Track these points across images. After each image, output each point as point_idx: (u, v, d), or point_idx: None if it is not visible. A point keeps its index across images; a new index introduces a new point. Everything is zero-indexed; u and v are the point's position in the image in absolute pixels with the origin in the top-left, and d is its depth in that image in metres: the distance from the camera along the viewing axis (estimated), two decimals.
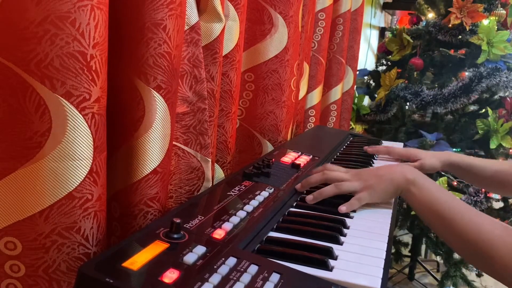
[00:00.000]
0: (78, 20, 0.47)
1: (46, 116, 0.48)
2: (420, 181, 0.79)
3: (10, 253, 0.52)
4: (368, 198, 0.81)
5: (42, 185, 0.50)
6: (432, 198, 0.77)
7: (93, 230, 0.55)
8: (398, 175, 0.81)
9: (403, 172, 0.81)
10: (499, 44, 1.92)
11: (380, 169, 0.85)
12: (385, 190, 0.81)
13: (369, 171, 0.86)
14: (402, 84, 2.05)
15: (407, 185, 0.80)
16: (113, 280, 0.46)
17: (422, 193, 0.78)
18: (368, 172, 0.85)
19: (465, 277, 2.01)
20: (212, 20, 0.78)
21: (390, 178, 0.81)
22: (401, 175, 0.81)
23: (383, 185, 0.81)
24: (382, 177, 0.82)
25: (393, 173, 0.82)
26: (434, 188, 0.79)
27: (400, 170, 0.82)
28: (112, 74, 0.57)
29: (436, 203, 0.76)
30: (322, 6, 1.52)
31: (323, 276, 0.57)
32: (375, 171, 0.85)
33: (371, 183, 0.81)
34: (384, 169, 0.85)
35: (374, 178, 0.82)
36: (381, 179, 0.82)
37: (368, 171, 0.86)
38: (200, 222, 0.63)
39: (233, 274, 0.51)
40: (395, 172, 0.82)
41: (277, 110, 1.13)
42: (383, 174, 0.83)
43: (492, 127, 1.92)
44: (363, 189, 0.81)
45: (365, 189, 0.81)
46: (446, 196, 0.77)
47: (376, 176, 0.82)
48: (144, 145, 0.63)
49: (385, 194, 0.82)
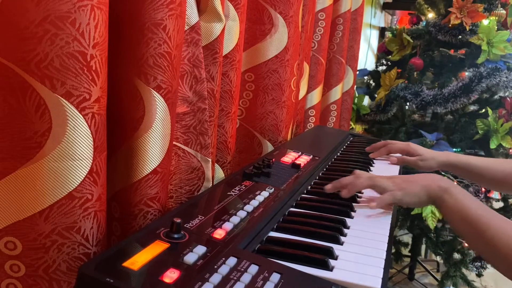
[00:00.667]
0: (78, 20, 0.47)
1: (46, 116, 0.48)
2: (454, 190, 0.79)
3: (10, 253, 0.52)
4: (400, 197, 0.81)
5: (42, 185, 0.50)
6: (466, 208, 0.75)
7: (93, 230, 0.55)
8: (432, 183, 0.81)
9: (436, 180, 0.81)
10: (499, 44, 1.92)
11: (413, 176, 0.86)
12: (417, 194, 0.81)
13: (403, 176, 0.87)
14: (402, 84, 2.04)
15: (440, 193, 0.79)
16: (113, 280, 0.46)
17: (455, 202, 0.77)
18: (402, 177, 0.86)
19: (465, 277, 2.01)
20: (212, 20, 0.78)
21: (423, 184, 0.81)
22: (435, 183, 0.81)
23: (416, 189, 0.81)
24: (415, 182, 0.82)
25: (426, 180, 0.82)
26: (468, 198, 0.78)
27: (433, 178, 0.82)
28: (112, 74, 0.57)
29: (470, 213, 0.74)
30: (322, 6, 1.52)
31: (323, 276, 0.57)
32: (409, 177, 0.85)
33: (404, 186, 0.82)
34: (417, 176, 0.85)
35: (407, 182, 0.83)
36: (414, 184, 0.82)
37: (402, 176, 0.87)
38: (201, 222, 0.63)
39: (233, 274, 0.51)
40: (429, 179, 0.82)
41: (277, 110, 1.13)
42: (416, 180, 0.83)
43: (492, 127, 1.92)
44: (396, 189, 0.82)
45: (398, 190, 0.82)
46: (480, 206, 0.76)
47: (408, 181, 0.83)
48: (144, 145, 0.63)
49: (417, 198, 0.82)
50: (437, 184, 0.80)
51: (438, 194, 0.80)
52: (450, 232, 2.11)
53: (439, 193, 0.79)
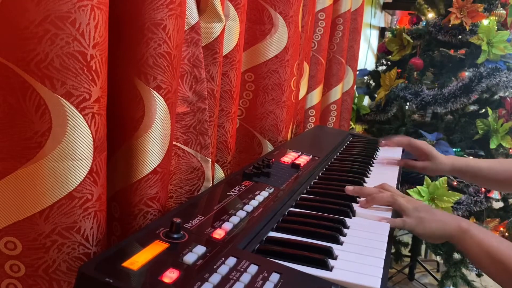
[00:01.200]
0: (78, 20, 0.47)
1: (46, 116, 0.48)
2: (476, 231, 0.78)
3: (10, 253, 0.52)
4: (412, 226, 0.80)
5: (42, 185, 0.50)
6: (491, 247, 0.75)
7: (93, 230, 0.55)
8: (452, 222, 0.80)
9: (457, 220, 0.80)
10: (499, 44, 1.92)
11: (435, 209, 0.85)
12: (433, 229, 0.80)
13: (424, 205, 0.85)
14: (402, 84, 2.04)
15: (460, 233, 0.78)
16: (113, 280, 0.46)
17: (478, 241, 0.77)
18: (424, 205, 0.84)
19: (465, 277, 2.01)
20: (212, 20, 0.78)
21: (442, 220, 0.80)
22: (455, 222, 0.79)
23: (433, 224, 0.80)
24: (435, 216, 0.81)
25: (446, 218, 0.81)
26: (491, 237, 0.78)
27: (454, 218, 0.81)
28: (112, 74, 0.57)
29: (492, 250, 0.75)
30: (322, 6, 1.52)
31: (323, 276, 0.57)
32: (429, 208, 0.84)
33: (422, 215, 0.81)
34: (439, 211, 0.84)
35: (427, 213, 0.81)
36: (433, 217, 0.80)
37: (423, 204, 0.85)
38: (200, 222, 0.63)
39: (233, 274, 0.51)
40: (449, 217, 0.81)
41: (277, 110, 1.13)
42: (436, 214, 0.82)
43: (492, 127, 1.92)
44: (413, 216, 0.81)
45: (414, 217, 0.80)
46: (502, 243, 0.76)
47: (429, 212, 0.81)
48: (144, 145, 0.63)
49: (430, 232, 0.80)
50: (457, 224, 0.79)
51: (457, 235, 0.78)
52: None
53: (458, 234, 0.78)
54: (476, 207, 1.88)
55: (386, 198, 0.84)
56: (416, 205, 0.83)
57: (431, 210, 0.83)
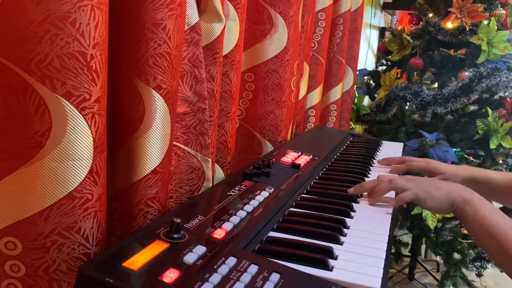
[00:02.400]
0: (78, 20, 0.47)
1: (46, 116, 0.48)
2: (476, 202, 0.78)
3: (10, 253, 0.52)
4: (423, 198, 0.81)
5: (42, 185, 0.50)
6: (486, 219, 0.75)
7: (93, 230, 0.55)
8: (455, 192, 0.81)
9: (460, 191, 0.81)
10: (499, 44, 1.92)
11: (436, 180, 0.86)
12: (439, 199, 0.81)
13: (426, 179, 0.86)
14: (402, 84, 2.04)
15: (462, 203, 0.79)
16: (113, 280, 0.46)
17: (476, 213, 0.77)
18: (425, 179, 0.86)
19: (465, 277, 2.01)
20: (212, 20, 0.78)
21: (447, 191, 0.81)
22: (458, 193, 0.80)
23: (439, 194, 0.81)
24: (440, 188, 0.82)
25: (450, 188, 0.82)
26: (489, 209, 0.77)
27: (457, 189, 0.82)
28: (112, 74, 0.57)
29: (490, 224, 0.74)
30: (322, 6, 1.52)
31: (323, 276, 0.57)
32: (431, 181, 0.85)
33: (428, 189, 0.81)
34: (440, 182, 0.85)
35: (431, 186, 0.82)
36: (439, 189, 0.81)
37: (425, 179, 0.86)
38: (200, 222, 0.63)
39: (233, 274, 0.51)
40: (452, 188, 0.82)
41: (277, 110, 1.13)
42: (441, 186, 0.82)
43: (492, 127, 1.92)
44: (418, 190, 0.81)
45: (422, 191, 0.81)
46: (501, 218, 0.76)
47: (433, 185, 0.82)
48: (144, 145, 0.63)
49: (438, 203, 0.81)
50: (459, 194, 0.80)
51: (459, 205, 0.79)
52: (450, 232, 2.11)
53: (460, 204, 0.79)
54: None
55: (386, 186, 0.85)
56: (418, 181, 0.83)
57: (435, 182, 0.83)
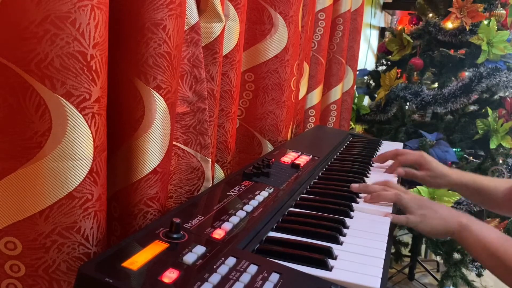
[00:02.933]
0: (78, 20, 0.47)
1: (46, 116, 0.48)
2: (474, 227, 0.80)
3: (10, 253, 0.52)
4: (415, 223, 0.83)
5: (42, 185, 0.50)
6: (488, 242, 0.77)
7: (93, 230, 0.55)
8: (453, 218, 0.82)
9: (458, 216, 0.82)
10: (499, 44, 1.92)
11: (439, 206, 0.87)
12: (434, 226, 0.83)
13: (428, 202, 0.88)
14: (402, 84, 2.04)
15: (460, 229, 0.81)
16: (113, 280, 0.46)
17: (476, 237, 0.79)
18: (427, 202, 0.87)
19: (465, 277, 2.01)
20: (212, 20, 0.78)
21: (444, 218, 0.83)
22: (456, 219, 0.82)
23: (435, 221, 0.83)
24: (437, 213, 0.83)
25: (448, 215, 0.83)
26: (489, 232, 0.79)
27: (456, 214, 0.84)
28: (112, 74, 0.57)
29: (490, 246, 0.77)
30: (322, 6, 1.52)
31: (322, 276, 0.57)
32: (433, 205, 0.86)
33: (425, 212, 0.83)
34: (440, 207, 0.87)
35: (430, 210, 0.84)
36: (436, 214, 0.83)
37: (427, 201, 0.88)
38: (200, 222, 0.63)
39: (232, 274, 0.52)
40: (451, 214, 0.83)
41: (277, 110, 1.13)
42: (439, 211, 0.84)
43: (492, 127, 1.92)
44: (416, 214, 0.84)
45: (418, 215, 0.83)
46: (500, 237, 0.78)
47: (433, 210, 0.84)
48: (144, 145, 0.63)
49: (433, 229, 0.83)
50: (457, 220, 0.81)
51: (457, 230, 0.81)
52: None
53: (458, 229, 0.81)
54: (476, 207, 1.88)
55: (391, 196, 0.87)
56: (420, 202, 0.85)
57: (434, 207, 0.85)
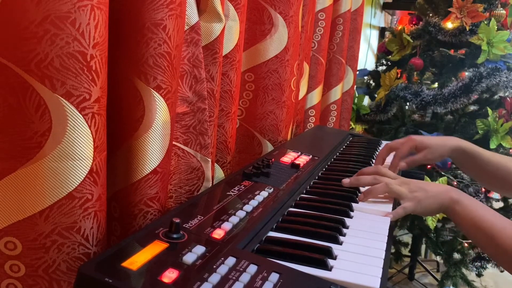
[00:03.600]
0: (78, 20, 0.47)
1: (46, 116, 0.48)
2: (465, 201, 0.81)
3: (10, 253, 0.52)
4: (412, 209, 0.83)
5: (42, 185, 0.50)
6: (477, 216, 0.78)
7: (93, 230, 0.55)
8: (444, 194, 0.83)
9: (448, 191, 0.84)
10: (499, 44, 1.92)
11: (427, 184, 0.88)
12: (429, 205, 0.84)
13: (417, 183, 0.88)
14: (402, 84, 2.05)
15: (452, 204, 0.82)
16: (113, 280, 0.46)
17: (466, 211, 0.80)
18: (417, 184, 0.88)
19: (465, 277, 2.01)
20: (212, 20, 0.78)
21: (436, 195, 0.84)
22: (446, 194, 0.83)
23: (429, 201, 0.84)
24: (429, 192, 0.84)
25: (439, 191, 0.84)
26: (478, 207, 0.80)
27: (445, 189, 0.85)
28: (112, 74, 0.57)
29: (481, 221, 0.77)
30: (322, 6, 1.52)
31: (322, 276, 0.57)
32: (423, 185, 0.87)
33: (418, 195, 0.84)
34: (430, 185, 0.88)
35: (421, 191, 0.85)
36: (428, 194, 0.84)
37: (416, 183, 0.88)
38: (200, 222, 0.63)
39: (232, 274, 0.52)
40: (441, 190, 0.85)
41: (277, 110, 1.13)
42: (430, 190, 0.85)
43: (492, 127, 1.92)
44: (409, 199, 0.84)
45: (411, 200, 0.84)
46: (491, 213, 0.79)
47: (423, 190, 0.85)
48: (144, 145, 0.63)
49: (429, 209, 0.84)
50: (448, 196, 0.82)
51: (449, 205, 0.82)
52: (450, 232, 2.11)
53: (450, 204, 0.82)
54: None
55: (381, 189, 0.87)
56: (410, 186, 0.86)
57: (424, 186, 0.86)
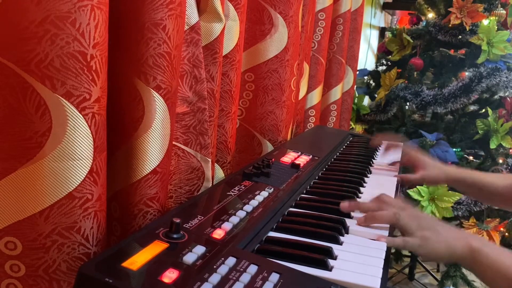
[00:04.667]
0: (78, 20, 0.47)
1: (46, 116, 0.48)
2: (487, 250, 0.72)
3: (10, 253, 0.52)
4: (414, 248, 0.73)
5: (42, 185, 0.50)
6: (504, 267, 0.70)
7: (93, 230, 0.55)
8: (460, 241, 0.73)
9: (467, 239, 0.73)
10: (499, 44, 1.92)
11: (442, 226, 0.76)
12: (437, 249, 0.73)
13: (429, 220, 0.78)
14: (402, 84, 2.05)
15: (471, 254, 0.72)
16: (113, 280, 0.46)
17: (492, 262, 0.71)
18: (429, 221, 0.77)
19: (465, 277, 2.00)
20: (212, 20, 0.78)
21: (449, 241, 0.73)
22: (464, 241, 0.73)
23: (438, 245, 0.73)
24: (440, 236, 0.73)
25: (454, 237, 0.74)
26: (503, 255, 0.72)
27: (463, 236, 0.74)
28: (112, 74, 0.57)
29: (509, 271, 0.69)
30: (322, 6, 1.52)
31: (322, 276, 0.57)
32: (435, 224, 0.76)
33: (427, 234, 0.73)
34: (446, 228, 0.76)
35: (432, 231, 0.74)
36: (439, 237, 0.73)
37: (428, 220, 0.78)
38: (200, 222, 0.63)
39: (232, 274, 0.52)
40: (457, 237, 0.74)
41: (277, 110, 1.13)
42: (442, 233, 0.74)
43: (492, 127, 1.92)
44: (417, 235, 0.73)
45: (418, 238, 0.73)
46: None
47: (435, 231, 0.74)
48: (143, 145, 0.63)
49: (434, 254, 0.74)
50: (466, 243, 0.72)
51: (468, 257, 0.72)
52: None
53: (469, 255, 0.72)
54: (476, 207, 1.88)
55: (388, 218, 0.76)
56: (420, 221, 0.75)
57: (437, 227, 0.75)
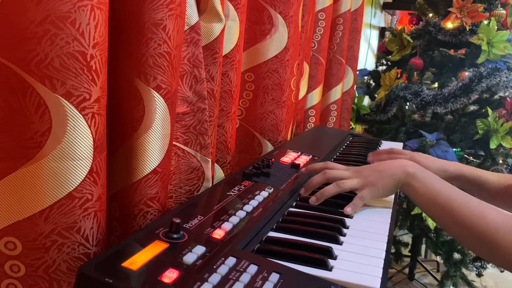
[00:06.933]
0: (78, 20, 0.47)
1: (46, 116, 0.48)
2: (420, 175, 0.80)
3: (10, 253, 0.52)
4: (370, 195, 0.81)
5: (42, 185, 0.50)
6: (434, 191, 0.77)
7: (93, 230, 0.55)
8: (398, 170, 0.81)
9: (403, 167, 0.81)
10: (499, 44, 1.92)
11: (380, 165, 0.85)
12: (386, 185, 0.81)
13: (369, 168, 0.86)
14: (402, 84, 2.05)
15: (407, 179, 0.80)
16: (113, 280, 0.46)
17: (423, 186, 0.78)
18: (369, 169, 0.85)
19: (465, 277, 2.01)
20: (212, 20, 0.78)
21: (390, 173, 0.81)
22: (401, 169, 0.81)
23: (384, 181, 0.81)
24: (382, 173, 0.82)
25: (393, 168, 0.82)
26: (434, 181, 0.79)
27: (399, 165, 0.82)
28: (112, 74, 0.57)
29: (438, 195, 0.76)
30: (322, 6, 1.52)
31: (322, 276, 0.57)
32: (375, 167, 0.85)
33: (371, 179, 0.81)
34: (384, 165, 0.85)
35: (375, 174, 0.82)
36: (382, 174, 0.82)
37: (368, 168, 0.86)
38: (200, 222, 0.63)
39: (232, 274, 0.52)
40: (395, 167, 0.82)
41: (277, 110, 1.13)
42: (383, 170, 0.82)
43: (492, 127, 1.92)
44: (364, 186, 0.81)
45: (366, 186, 0.81)
46: (448, 187, 0.77)
47: (376, 172, 0.82)
48: (144, 145, 0.63)
49: (386, 190, 0.82)
50: (403, 171, 0.80)
51: (405, 181, 0.80)
52: None
53: (406, 180, 0.80)
54: None
55: (333, 190, 0.81)
56: (363, 173, 0.83)
57: (378, 168, 0.83)
